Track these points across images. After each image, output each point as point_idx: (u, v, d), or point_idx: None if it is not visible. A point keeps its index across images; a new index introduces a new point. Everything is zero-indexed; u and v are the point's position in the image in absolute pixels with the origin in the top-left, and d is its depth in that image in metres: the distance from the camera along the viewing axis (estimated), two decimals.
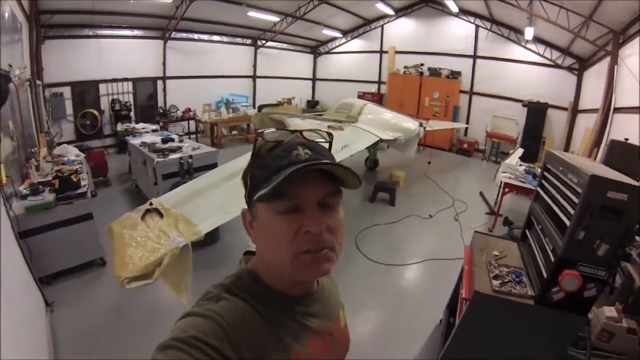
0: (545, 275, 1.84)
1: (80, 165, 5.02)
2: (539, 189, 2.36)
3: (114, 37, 9.48)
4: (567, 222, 1.73)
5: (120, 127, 8.28)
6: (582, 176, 1.67)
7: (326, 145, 0.75)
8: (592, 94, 8.31)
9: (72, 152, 5.70)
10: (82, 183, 4.26)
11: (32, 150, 5.27)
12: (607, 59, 7.32)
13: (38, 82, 7.09)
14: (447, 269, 4.16)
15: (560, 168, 1.98)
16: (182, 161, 5.18)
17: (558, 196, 1.96)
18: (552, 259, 1.80)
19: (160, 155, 5.18)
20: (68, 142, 8.04)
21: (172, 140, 5.96)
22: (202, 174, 3.58)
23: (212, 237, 4.53)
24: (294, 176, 0.60)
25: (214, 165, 5.01)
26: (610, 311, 2.00)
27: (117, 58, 9.52)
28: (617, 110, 6.62)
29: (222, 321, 0.62)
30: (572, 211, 1.72)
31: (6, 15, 4.64)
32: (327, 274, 0.68)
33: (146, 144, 5.65)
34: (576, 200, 1.69)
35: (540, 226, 2.14)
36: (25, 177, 4.23)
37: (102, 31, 9.20)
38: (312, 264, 0.65)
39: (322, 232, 0.65)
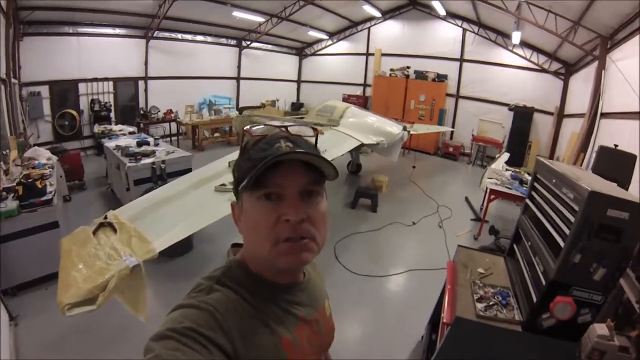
0: (535, 298, 1.68)
1: (50, 170, 4.79)
2: (528, 201, 2.19)
3: (94, 35, 9.19)
4: (561, 242, 1.57)
5: (97, 128, 7.97)
6: (579, 192, 1.50)
7: (312, 140, 0.77)
8: (578, 98, 8.31)
9: (43, 155, 5.44)
10: (48, 189, 4.04)
11: (4, 152, 5.00)
12: (595, 64, 7.31)
13: (14, 80, 6.79)
14: (430, 280, 4.02)
15: (553, 180, 1.81)
16: (154, 166, 4.97)
17: (550, 211, 1.80)
18: (543, 281, 1.64)
19: (133, 160, 4.97)
20: (45, 144, 7.78)
21: (147, 143, 5.74)
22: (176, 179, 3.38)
23: (185, 246, 4.32)
24: (272, 164, 0.64)
25: (188, 171, 4.79)
26: (601, 329, 1.84)
27: (97, 57, 9.22)
28: (604, 115, 6.57)
29: (216, 312, 0.63)
30: (566, 230, 1.55)
31: None
32: (307, 263, 0.71)
33: (120, 147, 5.43)
34: (572, 219, 1.53)
35: (529, 242, 1.98)
36: None
37: (82, 29, 8.91)
38: (291, 252, 0.67)
39: (302, 221, 0.67)
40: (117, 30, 9.61)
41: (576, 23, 7.18)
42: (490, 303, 1.84)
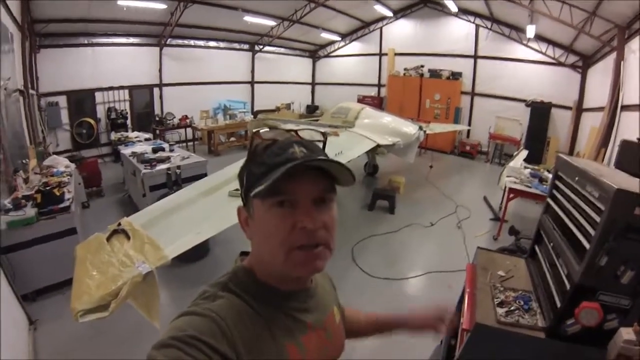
0: (558, 304, 1.60)
1: (68, 177, 4.89)
2: (549, 200, 2.10)
3: (109, 45, 9.43)
4: (586, 244, 1.48)
5: (114, 136, 8.13)
6: (604, 190, 1.41)
7: (320, 144, 0.76)
8: (597, 91, 8.08)
9: (62, 163, 5.56)
10: (66, 196, 4.11)
11: (24, 161, 5.14)
12: (613, 55, 7.07)
13: (32, 91, 6.97)
14: (449, 283, 3.90)
15: (576, 178, 1.72)
16: (169, 172, 5.00)
17: (574, 211, 1.71)
18: (568, 285, 1.56)
19: (148, 166, 5.02)
20: (64, 152, 7.98)
21: (163, 149, 5.79)
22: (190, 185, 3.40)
23: (201, 251, 4.34)
24: (290, 173, 0.62)
25: (203, 176, 4.84)
26: (627, 333, 1.73)
27: (112, 66, 9.45)
28: (625, 107, 6.33)
29: (220, 320, 0.62)
30: (591, 231, 1.47)
31: None
32: (319, 271, 0.70)
33: (136, 153, 5.49)
34: (597, 219, 1.44)
35: (552, 243, 1.89)
36: (14, 190, 4.10)
37: (97, 39, 9.14)
38: (306, 260, 0.67)
39: (317, 229, 0.66)
40: (131, 39, 9.83)
41: (592, 13, 6.98)
42: (512, 308, 1.76)
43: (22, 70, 6.37)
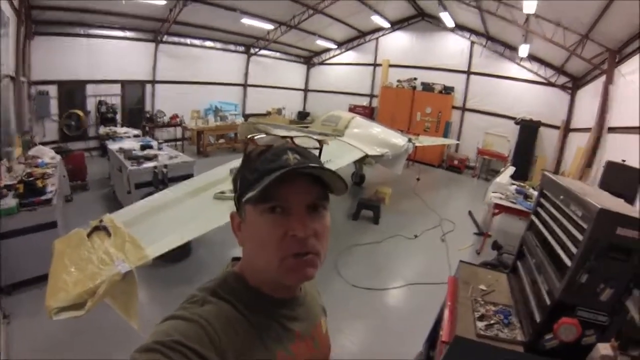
0: (538, 319, 1.61)
1: (53, 169, 4.79)
2: (533, 217, 2.13)
3: (105, 37, 9.26)
4: (567, 261, 1.50)
5: (102, 130, 8.00)
6: (588, 209, 1.44)
7: (316, 152, 0.76)
8: (585, 113, 8.26)
9: (47, 154, 5.46)
10: (49, 189, 4.02)
11: (8, 150, 5.02)
12: (602, 78, 7.26)
13: (23, 78, 6.84)
14: (430, 295, 3.91)
15: (561, 197, 1.75)
16: (156, 170, 4.94)
17: (557, 229, 1.74)
18: (548, 301, 1.57)
19: (135, 163, 4.95)
20: (51, 143, 7.81)
21: (151, 147, 5.73)
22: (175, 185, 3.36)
23: (183, 252, 4.28)
24: (283, 179, 0.62)
25: (189, 176, 4.77)
26: (605, 348, 1.76)
27: (107, 59, 9.29)
28: (611, 129, 6.49)
29: (207, 325, 0.61)
30: (573, 249, 1.49)
31: None
32: (310, 279, 0.69)
33: (123, 149, 5.41)
34: (579, 237, 1.47)
35: (534, 260, 1.91)
36: None
37: (93, 30, 8.99)
38: (297, 268, 0.66)
39: (309, 237, 0.65)
40: (127, 33, 9.70)
41: (585, 36, 7.15)
42: (492, 322, 1.77)
43: (14, 56, 6.24)
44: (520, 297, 1.96)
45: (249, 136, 0.77)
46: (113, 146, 5.91)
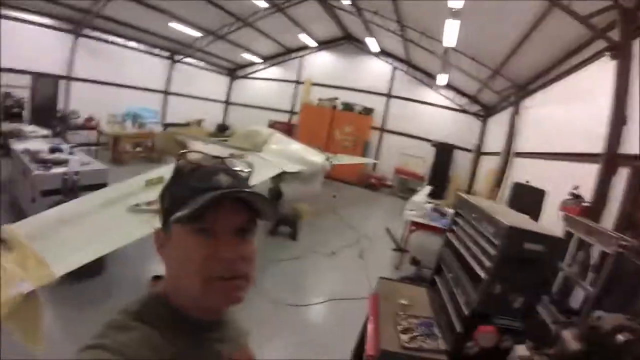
0: (458, 328, 1.72)
1: None
2: (449, 235, 2.30)
3: (17, 20, 8.17)
4: (482, 274, 1.64)
5: (5, 127, 6.98)
6: (498, 227, 1.60)
7: (246, 174, 0.75)
8: (495, 138, 9.27)
9: None
10: None
11: None
12: (510, 109, 8.29)
13: None
14: (352, 310, 3.94)
15: (474, 215, 1.93)
16: (66, 177, 4.46)
17: (471, 244, 1.89)
18: (466, 311, 1.69)
19: (42, 167, 4.42)
20: None
21: (61, 150, 5.15)
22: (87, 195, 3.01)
23: (95, 268, 3.84)
24: (214, 201, 0.61)
25: (103, 186, 4.31)
26: (522, 350, 1.95)
27: (16, 44, 8.14)
28: (517, 154, 7.40)
29: (133, 356, 0.58)
30: (486, 262, 1.63)
31: None
32: (239, 302, 0.68)
33: (29, 151, 4.79)
34: (492, 252, 1.62)
35: (451, 274, 2.06)
36: None
37: (3, 11, 7.81)
38: (224, 291, 0.65)
39: (237, 260, 0.65)
40: (44, 20, 8.71)
41: (496, 72, 8.10)
42: (415, 334, 1.84)
43: None
44: (440, 309, 2.07)
45: (181, 152, 0.72)
46: (18, 146, 5.26)
